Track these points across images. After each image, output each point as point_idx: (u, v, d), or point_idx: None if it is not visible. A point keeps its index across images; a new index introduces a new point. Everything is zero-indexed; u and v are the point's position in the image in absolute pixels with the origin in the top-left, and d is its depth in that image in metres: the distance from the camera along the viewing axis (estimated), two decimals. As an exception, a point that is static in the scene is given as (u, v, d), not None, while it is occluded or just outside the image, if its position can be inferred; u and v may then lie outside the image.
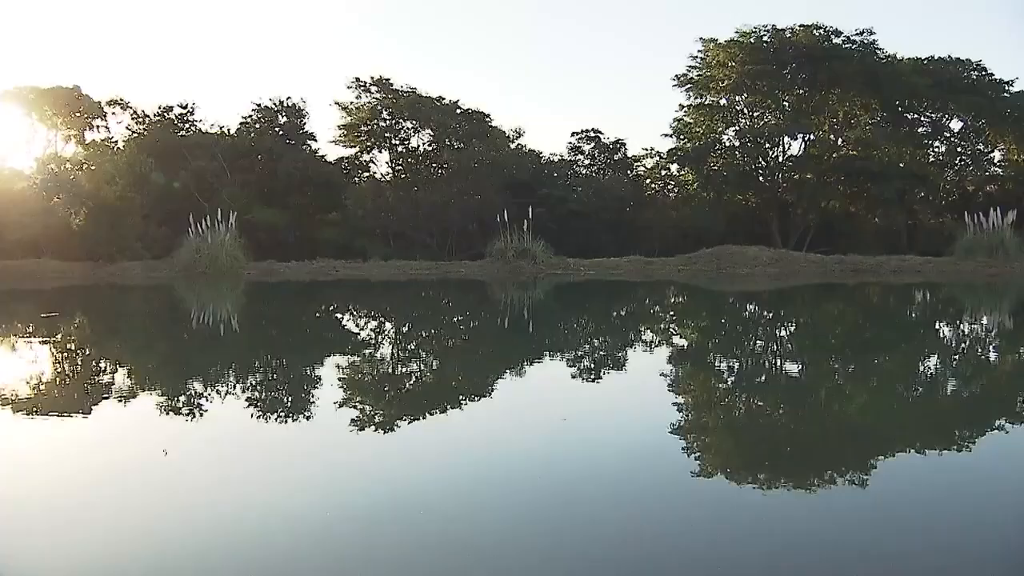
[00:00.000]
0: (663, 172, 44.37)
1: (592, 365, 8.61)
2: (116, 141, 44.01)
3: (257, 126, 41.88)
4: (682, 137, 42.13)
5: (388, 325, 14.36)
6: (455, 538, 3.30)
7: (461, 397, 6.86)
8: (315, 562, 3.07)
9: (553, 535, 3.32)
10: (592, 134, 43.49)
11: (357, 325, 14.27)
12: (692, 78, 41.04)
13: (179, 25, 68.96)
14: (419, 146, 42.50)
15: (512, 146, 43.77)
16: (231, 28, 70.93)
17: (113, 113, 44.41)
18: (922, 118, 41.41)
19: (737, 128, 41.54)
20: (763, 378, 7.95)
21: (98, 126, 44.45)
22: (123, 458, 4.76)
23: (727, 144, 41.73)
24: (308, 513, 3.64)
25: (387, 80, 41.21)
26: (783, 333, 12.75)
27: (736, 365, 8.88)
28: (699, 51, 40.55)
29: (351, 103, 41.53)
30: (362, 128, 41.45)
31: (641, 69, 74.02)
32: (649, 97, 73.29)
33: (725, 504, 3.80)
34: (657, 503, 3.79)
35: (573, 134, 43.96)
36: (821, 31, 38.37)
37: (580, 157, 43.81)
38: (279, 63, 70.99)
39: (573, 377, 7.74)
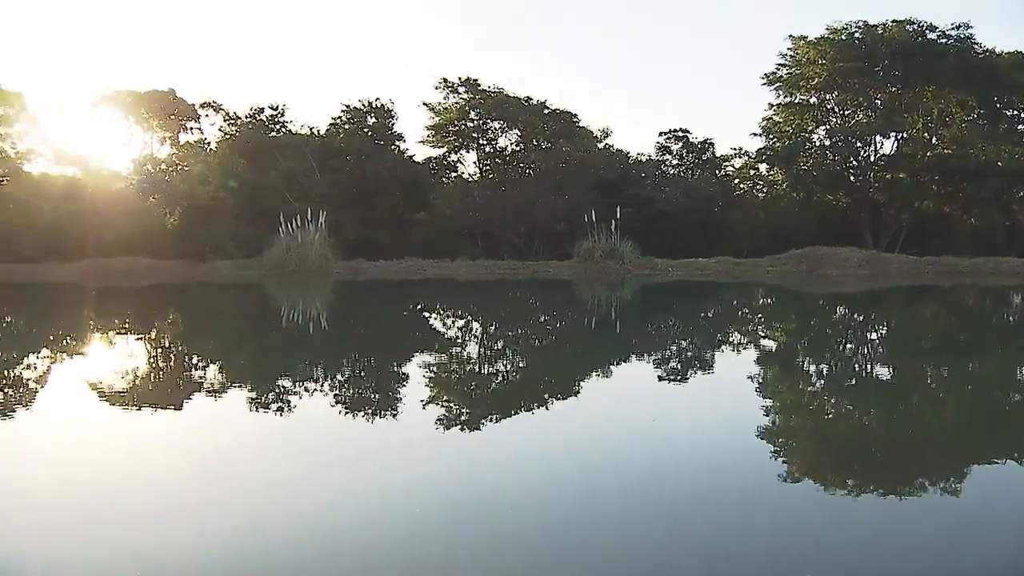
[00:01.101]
0: (752, 172, 43.88)
1: (680, 367, 8.59)
2: (209, 142, 45.05)
3: (346, 127, 42.42)
4: (771, 136, 41.60)
5: (475, 324, 14.43)
6: (538, 536, 3.32)
7: (548, 396, 6.88)
8: (400, 556, 3.11)
9: (636, 535, 3.32)
10: (680, 134, 43.24)
11: (444, 324, 14.37)
12: (782, 76, 40.55)
13: (271, 28, 70.22)
14: (507, 146, 42.65)
15: (600, 146, 43.74)
16: (321, 31, 72.01)
17: (206, 115, 45.45)
18: (1022, 115, 40.21)
19: (827, 127, 40.90)
20: (853, 382, 7.86)
21: (192, 128, 45.53)
22: (215, 451, 4.89)
23: (817, 143, 41.14)
24: (391, 510, 3.69)
25: (475, 81, 41.44)
26: (874, 336, 12.55)
27: (826, 369, 8.79)
28: (789, 49, 40.04)
29: (439, 104, 41.83)
30: (450, 128, 41.71)
31: (730, 68, 73.45)
32: (738, 96, 72.76)
33: (812, 508, 3.79)
34: (744, 506, 3.78)
35: (661, 134, 43.84)
36: (915, 26, 37.51)
37: (668, 157, 43.61)
38: (369, 65, 71.89)
39: (661, 379, 7.72)
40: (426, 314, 16.61)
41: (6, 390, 7.08)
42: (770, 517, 3.62)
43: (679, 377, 7.79)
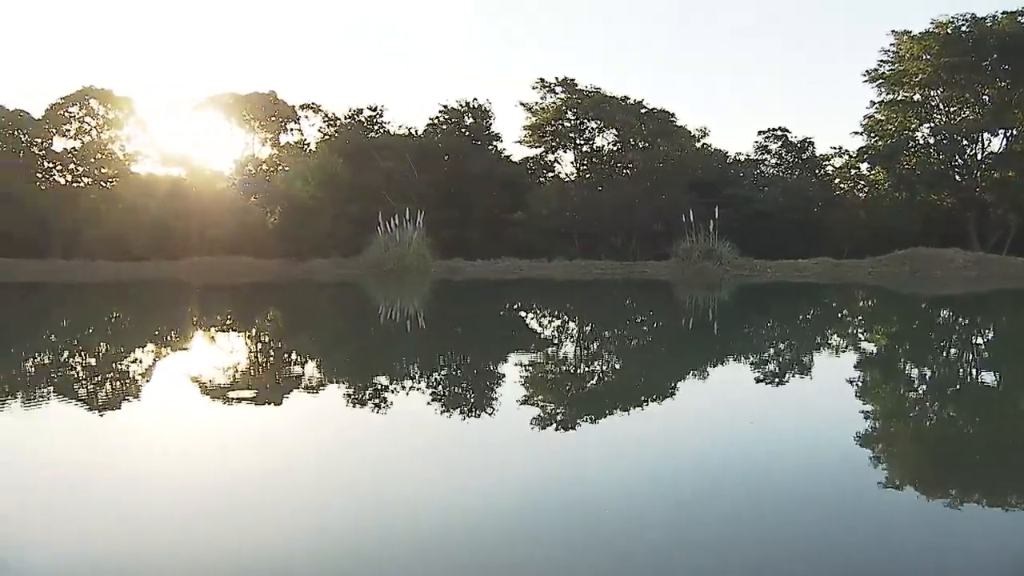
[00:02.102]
0: (852, 171, 43.17)
1: (778, 369, 8.53)
2: (308, 143, 45.95)
3: (444, 127, 42.85)
4: (873, 135, 40.83)
5: (571, 324, 14.48)
6: (631, 539, 3.33)
7: (644, 397, 6.87)
8: (493, 555, 3.16)
9: (732, 537, 3.32)
10: (779, 133, 42.77)
11: (540, 324, 14.45)
12: (884, 73, 39.79)
13: (370, 31, 71.16)
14: (604, 146, 42.69)
15: (697, 145, 43.46)
16: (418, 32, 72.75)
17: (306, 116, 46.40)
18: None
19: (932, 124, 39.97)
20: (957, 387, 7.74)
21: (292, 129, 46.52)
22: (308, 447, 4.98)
23: (921, 141, 40.27)
24: (484, 509, 3.73)
25: (572, 80, 41.52)
26: (980, 341, 12.29)
27: (929, 374, 8.66)
28: (891, 44, 39.25)
29: (536, 104, 42.03)
30: (547, 128, 41.85)
31: (830, 65, 72.20)
32: (838, 94, 71.47)
33: (911, 514, 3.77)
34: (842, 510, 3.75)
35: (760, 133, 43.45)
36: (1027, 18, 36.34)
37: (767, 156, 43.14)
38: (466, 65, 72.39)
39: (759, 381, 7.68)
40: (523, 314, 16.71)
41: (114, 383, 7.39)
42: (868, 522, 3.61)
43: (777, 380, 7.74)
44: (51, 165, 44.54)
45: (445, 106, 43.02)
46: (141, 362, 9.08)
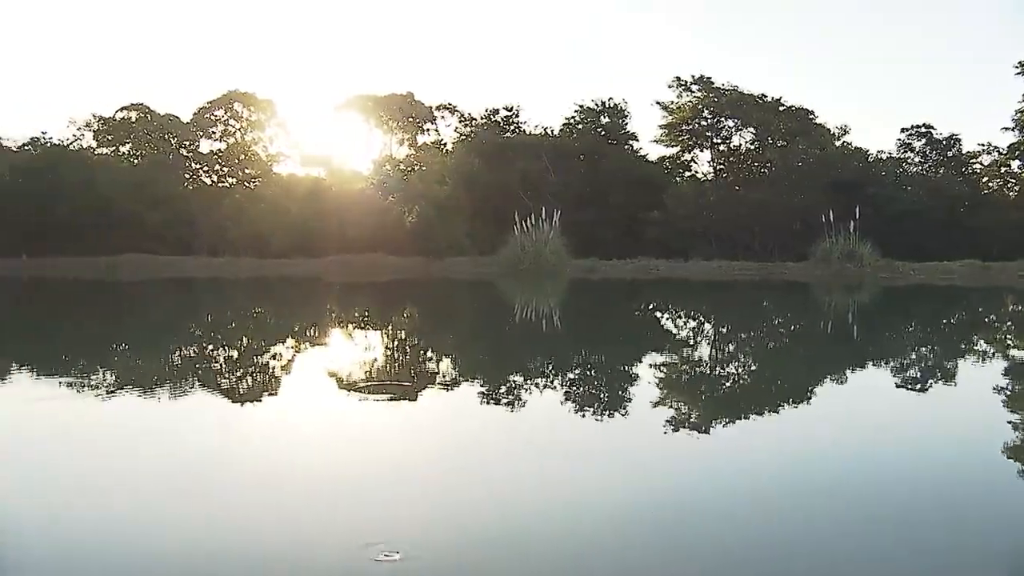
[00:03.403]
0: (1003, 169, 41.57)
1: (917, 375, 8.40)
2: (445, 143, 46.72)
3: (579, 126, 43.01)
4: (1026, 130, 39.28)
5: (707, 326, 14.45)
6: (761, 544, 3.35)
7: (779, 401, 6.89)
8: (622, 557, 3.20)
9: (865, 548, 3.31)
10: (923, 130, 41.54)
11: (676, 325, 14.45)
12: (1038, 64, 38.28)
13: (503, 31, 71.76)
14: (741, 145, 42.22)
15: (837, 144, 42.55)
16: (553, 31, 73.00)
17: (442, 117, 47.19)
18: None
19: (1093, 119, 38.28)
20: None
21: (428, 129, 47.40)
22: (439, 440, 5.11)
23: (1079, 137, 38.59)
24: (605, 508, 3.77)
25: (708, 79, 41.21)
26: None
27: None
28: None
29: (672, 102, 41.81)
30: (683, 127, 41.61)
31: (977, 56, 69.62)
32: (987, 88, 68.90)
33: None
34: (987, 521, 3.68)
35: (903, 130, 42.31)
36: None
37: (910, 154, 41.95)
38: (602, 64, 72.36)
39: (897, 387, 7.60)
40: (658, 314, 16.73)
41: (257, 376, 7.80)
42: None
43: (916, 386, 7.64)
44: (198, 166, 46.62)
45: (581, 106, 43.19)
46: (281, 356, 9.51)
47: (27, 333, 11.99)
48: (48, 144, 44.55)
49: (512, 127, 44.20)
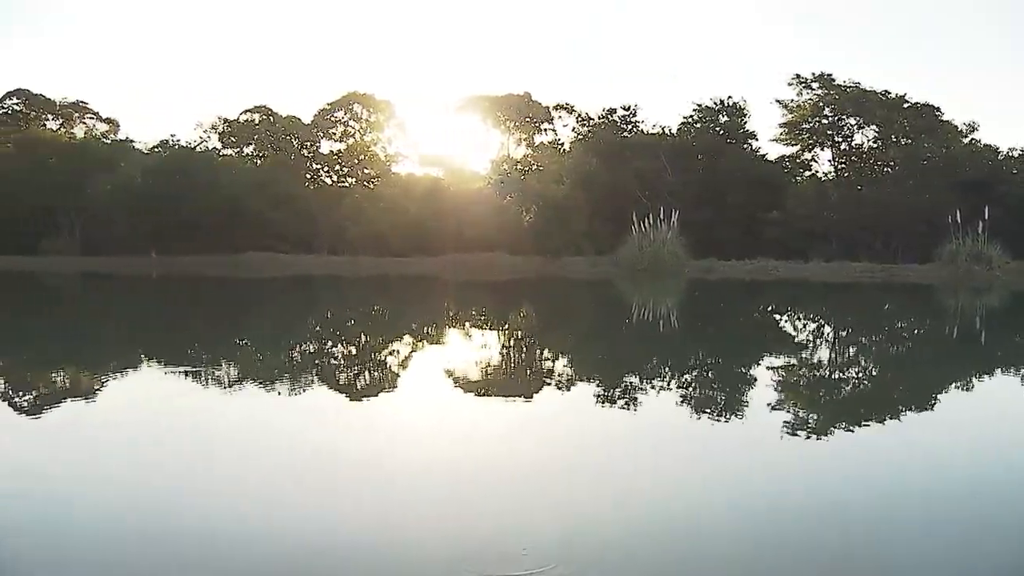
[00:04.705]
0: None
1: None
2: (562, 143, 46.83)
3: (697, 126, 42.64)
4: None
5: (826, 328, 14.24)
6: (880, 550, 3.32)
7: (901, 408, 6.78)
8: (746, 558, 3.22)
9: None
10: (1062, 125, 39.94)
11: (795, 327, 14.28)
12: None
13: (621, 31, 71.50)
14: (863, 143, 41.31)
15: (965, 141, 41.28)
16: (669, 32, 72.52)
17: (559, 117, 47.28)
18: None
19: None
20: None
21: (546, 129, 47.49)
22: (552, 439, 5.15)
23: None
24: (731, 509, 3.79)
25: (829, 76, 40.40)
26: None
27: None
28: None
29: (791, 100, 41.14)
30: (803, 126, 40.91)
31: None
32: None
33: None
34: None
35: (1037, 127, 40.70)
36: None
37: (1049, 151, 40.38)
38: (719, 63, 71.62)
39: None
40: (776, 316, 16.55)
41: (373, 372, 8.07)
42: None
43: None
44: (318, 167, 47.75)
45: (699, 104, 42.83)
46: (399, 353, 9.84)
47: (165, 328, 12.48)
48: (176, 146, 46.16)
49: (630, 126, 44.03)
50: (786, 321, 15.40)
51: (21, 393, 6.85)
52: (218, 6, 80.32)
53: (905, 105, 40.07)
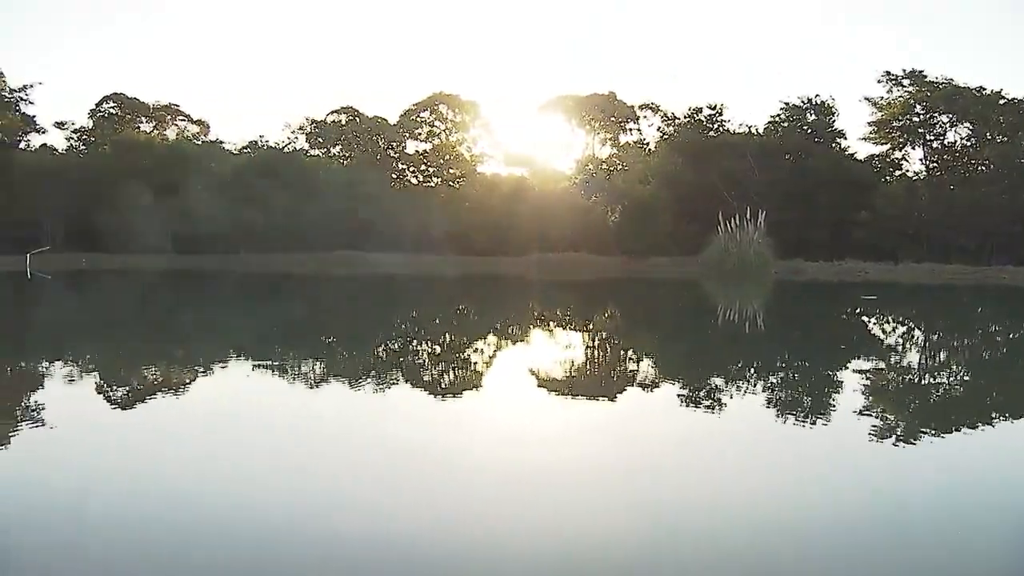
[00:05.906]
0: None
1: None
2: (648, 143, 46.73)
3: (785, 125, 42.15)
4: None
5: (916, 333, 13.96)
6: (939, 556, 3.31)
7: (995, 414, 6.67)
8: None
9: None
10: None
11: (883, 330, 14.04)
12: None
13: (706, 29, 71.06)
14: (956, 141, 40.38)
15: (1070, 136, 40.03)
16: (754, 30, 71.79)
17: (644, 116, 47.22)
18: None
19: None
20: None
21: (631, 129, 47.48)
22: (629, 440, 5.13)
23: None
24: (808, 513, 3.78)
25: (921, 72, 39.56)
26: None
27: None
28: None
29: (881, 98, 40.37)
30: (893, 124, 40.10)
31: None
32: None
33: None
34: None
35: None
36: None
37: None
38: (809, 62, 70.67)
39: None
40: (864, 318, 16.26)
41: (457, 370, 8.19)
42: None
43: None
44: (404, 166, 48.30)
45: (786, 103, 42.32)
46: (483, 351, 9.95)
47: (261, 328, 12.71)
48: (265, 147, 47.02)
49: (716, 126, 43.66)
50: (874, 324, 15.10)
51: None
52: (306, 9, 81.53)
53: (1001, 101, 39.00)
